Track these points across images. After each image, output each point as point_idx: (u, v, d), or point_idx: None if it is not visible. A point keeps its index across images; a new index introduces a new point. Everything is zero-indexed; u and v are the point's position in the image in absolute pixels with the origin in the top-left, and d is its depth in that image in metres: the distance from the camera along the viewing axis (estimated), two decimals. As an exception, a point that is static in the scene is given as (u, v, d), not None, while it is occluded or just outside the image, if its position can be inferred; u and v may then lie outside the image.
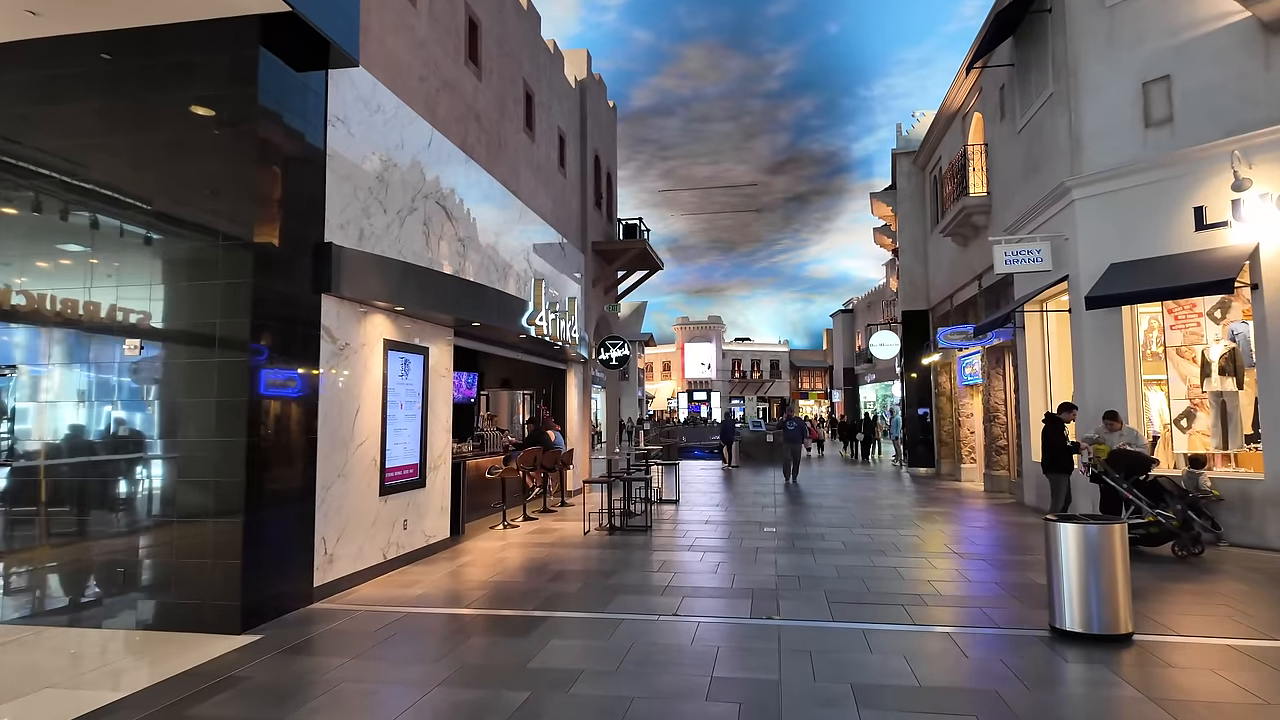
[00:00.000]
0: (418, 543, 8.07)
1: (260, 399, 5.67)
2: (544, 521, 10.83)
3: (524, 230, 11.54)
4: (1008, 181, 12.99)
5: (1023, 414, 12.45)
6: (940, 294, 18.33)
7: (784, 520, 10.74)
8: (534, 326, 9.90)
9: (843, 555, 8.05)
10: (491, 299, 9.13)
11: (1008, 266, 10.59)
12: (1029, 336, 12.15)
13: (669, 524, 10.49)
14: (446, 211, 8.81)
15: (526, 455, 10.72)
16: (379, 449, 7.29)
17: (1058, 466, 8.77)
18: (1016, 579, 6.89)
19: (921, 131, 20.11)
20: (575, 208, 14.75)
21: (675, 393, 61.77)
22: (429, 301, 7.78)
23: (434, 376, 8.53)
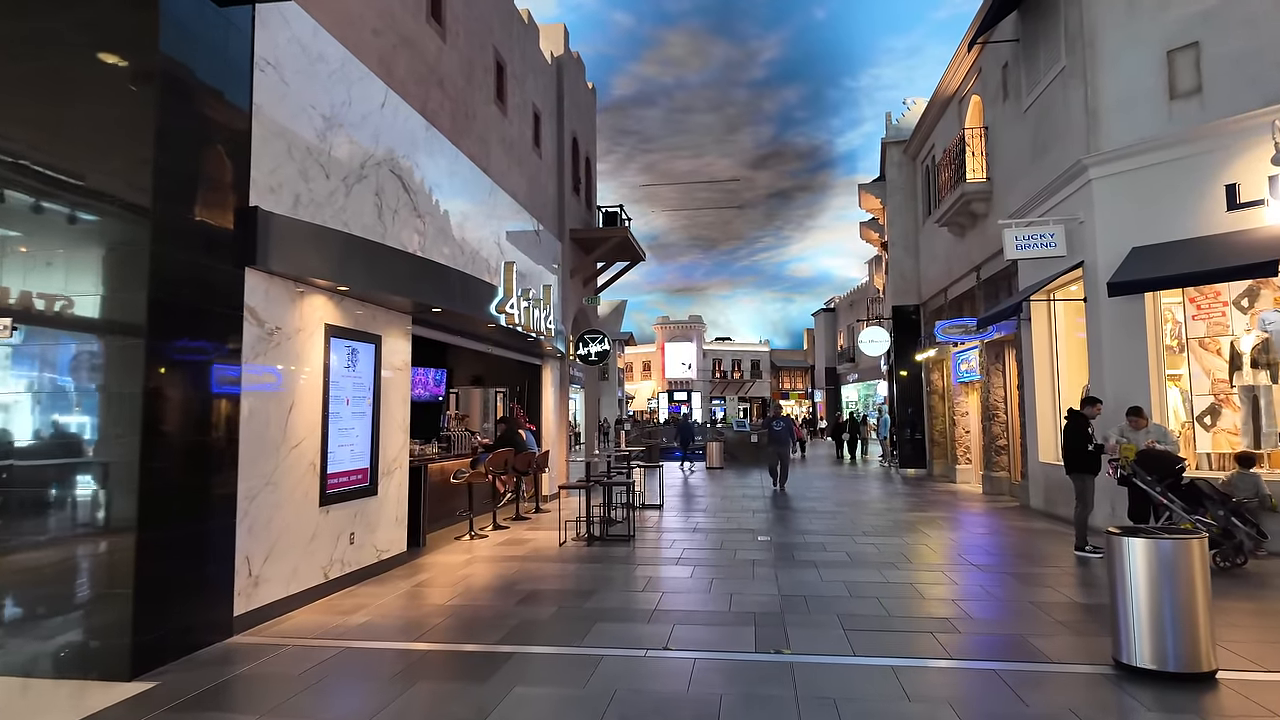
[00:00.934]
0: (368, 559, 7.06)
1: (160, 391, 4.65)
2: (516, 530, 9.85)
3: (495, 211, 10.56)
4: (1011, 165, 12.25)
5: (1027, 412, 11.70)
6: (933, 288, 17.62)
7: (777, 528, 9.86)
8: (504, 315, 8.92)
9: (850, 569, 7.18)
10: (455, 282, 8.15)
11: (1018, 252, 9.81)
12: (1035, 329, 11.39)
13: (653, 532, 9.57)
14: (403, 183, 7.81)
15: (496, 458, 9.73)
16: (319, 452, 6.28)
17: (1083, 467, 7.98)
18: (1051, 597, 6.06)
19: (913, 120, 19.41)
20: (552, 192, 13.78)
21: (656, 393, 60.91)
22: (380, 281, 6.78)
23: (388, 369, 7.53)
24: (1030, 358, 11.53)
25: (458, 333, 10.02)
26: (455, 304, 8.02)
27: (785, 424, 15.12)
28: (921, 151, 18.49)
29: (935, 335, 13.66)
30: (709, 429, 30.70)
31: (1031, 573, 6.99)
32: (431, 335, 9.35)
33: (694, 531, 9.55)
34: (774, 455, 14.84)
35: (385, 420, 7.41)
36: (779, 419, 15.36)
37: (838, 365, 48.34)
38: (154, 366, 4.61)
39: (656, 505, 12.06)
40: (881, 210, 22.82)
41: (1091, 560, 7.56)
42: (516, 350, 12.37)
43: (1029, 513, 11.14)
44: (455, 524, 9.91)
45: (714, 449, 20.93)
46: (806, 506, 11.96)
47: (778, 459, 14.71)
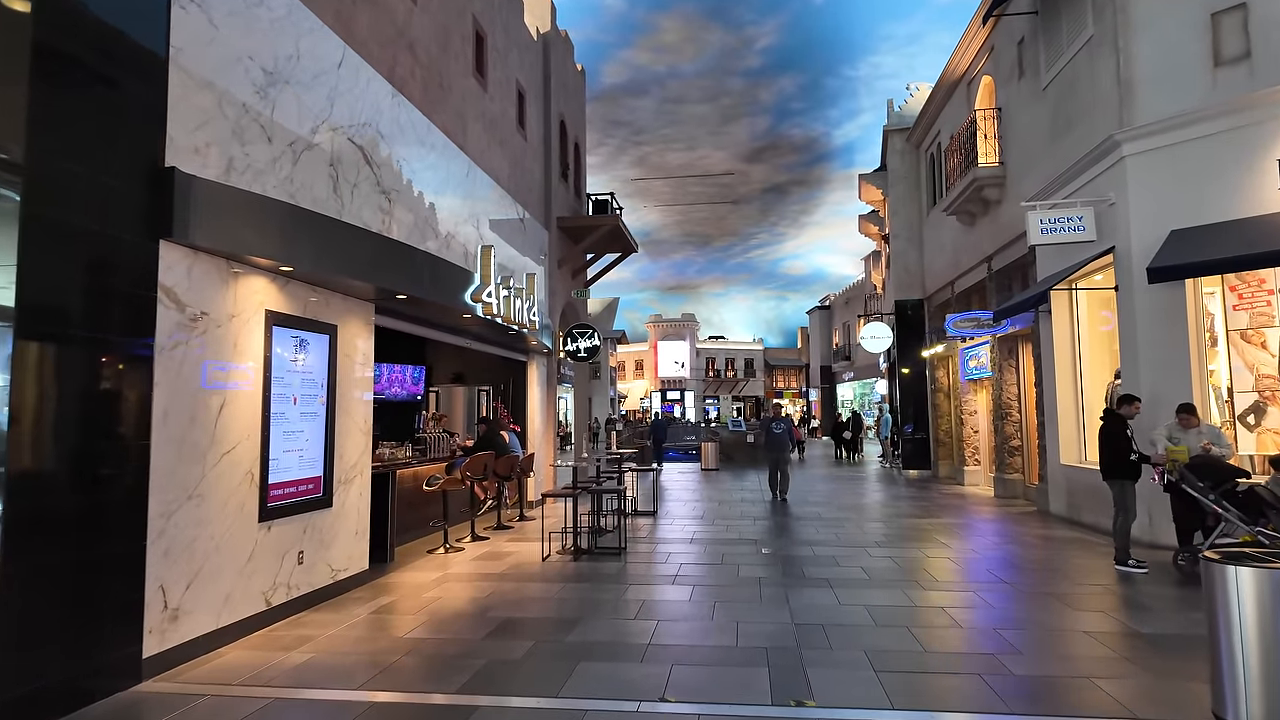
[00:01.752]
0: (321, 580, 6.18)
1: (37, 388, 3.78)
2: (496, 542, 8.98)
3: (473, 192, 9.68)
4: (1029, 147, 11.46)
5: (1046, 410, 10.92)
6: (938, 281, 16.84)
7: (781, 538, 9.03)
8: (480, 304, 8.04)
9: (869, 589, 6.35)
10: (423, 265, 7.28)
11: (1044, 237, 9.01)
12: (1056, 321, 10.60)
13: (646, 543, 8.72)
14: (365, 154, 6.93)
15: (474, 462, 8.86)
16: (258, 459, 5.41)
17: (1122, 472, 7.18)
18: (1104, 624, 5.25)
19: (916, 107, 18.64)
20: (538, 176, 12.91)
21: (648, 392, 60.09)
22: (334, 262, 5.91)
23: (347, 363, 6.65)
24: (1050, 352, 10.74)
25: (433, 325, 9.15)
26: (424, 290, 7.15)
27: (785, 426, 13.27)
28: (926, 139, 17.71)
29: (946, 329, 12.88)
30: (703, 429, 29.87)
31: (1074, 593, 6.17)
32: (403, 327, 8.48)
33: (691, 542, 8.71)
34: (773, 461, 13.12)
35: (342, 421, 6.54)
36: (778, 420, 13.39)
37: (833, 364, 47.61)
38: (26, 357, 3.73)
39: (650, 512, 11.22)
40: (882, 202, 22.05)
41: (1135, 576, 6.76)
42: (500, 345, 11.50)
43: (1050, 519, 10.36)
44: (428, 535, 9.04)
45: (709, 450, 20.10)
46: (810, 513, 11.14)
47: (777, 466, 13.02)
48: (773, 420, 13.55)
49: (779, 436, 13.00)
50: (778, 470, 12.94)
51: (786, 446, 13.06)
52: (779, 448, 12.98)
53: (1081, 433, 10.37)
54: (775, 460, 13.03)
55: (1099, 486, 9.34)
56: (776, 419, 13.50)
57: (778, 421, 13.30)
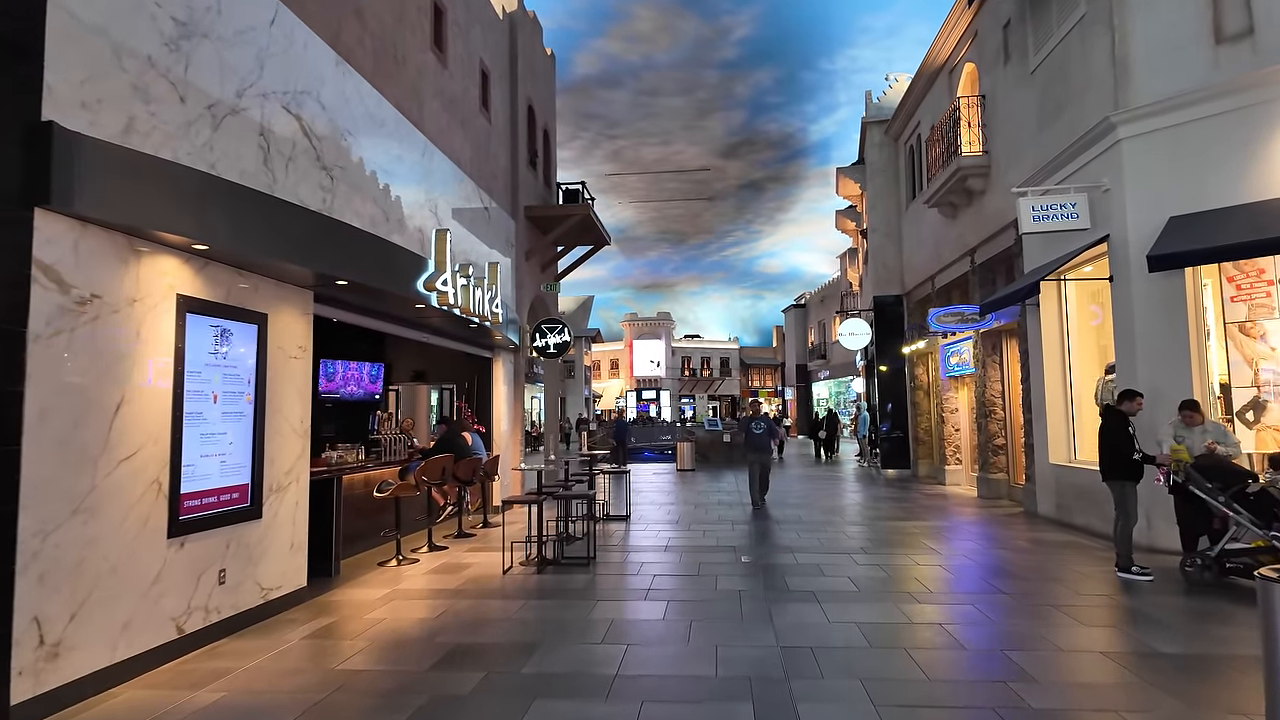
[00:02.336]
0: (249, 600, 5.48)
1: None
2: (456, 551, 8.31)
3: (431, 175, 8.99)
4: (1015, 134, 11.05)
5: (1034, 407, 10.52)
6: (918, 276, 16.46)
7: (762, 544, 8.48)
8: (435, 293, 7.35)
9: (860, 603, 5.81)
10: (369, 249, 6.59)
11: (1036, 225, 8.56)
12: (1045, 314, 10.20)
13: (617, 551, 8.11)
14: (303, 125, 6.23)
15: (431, 465, 8.18)
16: (167, 465, 4.70)
17: (1123, 472, 6.73)
18: (1121, 643, 4.76)
19: (895, 98, 18.26)
20: (504, 163, 12.22)
21: (624, 391, 59.50)
22: (260, 241, 5.21)
23: (280, 357, 5.95)
24: (1038, 347, 10.33)
25: (390, 318, 8.46)
26: (369, 277, 6.46)
27: (767, 426, 12.00)
28: (905, 131, 17.33)
29: (929, 324, 12.45)
30: (679, 428, 29.35)
31: (1079, 605, 5.69)
32: (353, 319, 7.78)
33: (665, 550, 8.12)
34: (755, 465, 11.82)
35: (274, 422, 5.83)
36: (758, 419, 12.15)
37: (809, 362, 47.42)
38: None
39: (623, 516, 10.61)
40: (860, 197, 21.69)
41: (1140, 585, 6.31)
42: (463, 341, 10.81)
43: (1038, 521, 9.94)
44: (380, 546, 8.34)
45: (685, 450, 19.54)
46: (790, 515, 10.61)
47: (760, 471, 11.80)
48: (752, 419, 12.30)
49: (759, 437, 11.86)
50: (760, 473, 11.82)
51: (769, 448, 11.97)
52: (759, 449, 11.86)
53: (1071, 431, 9.98)
54: (759, 464, 11.83)
55: (1091, 487, 8.96)
56: (756, 417, 12.31)
57: (757, 420, 12.11)
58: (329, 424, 11.75)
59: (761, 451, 11.90)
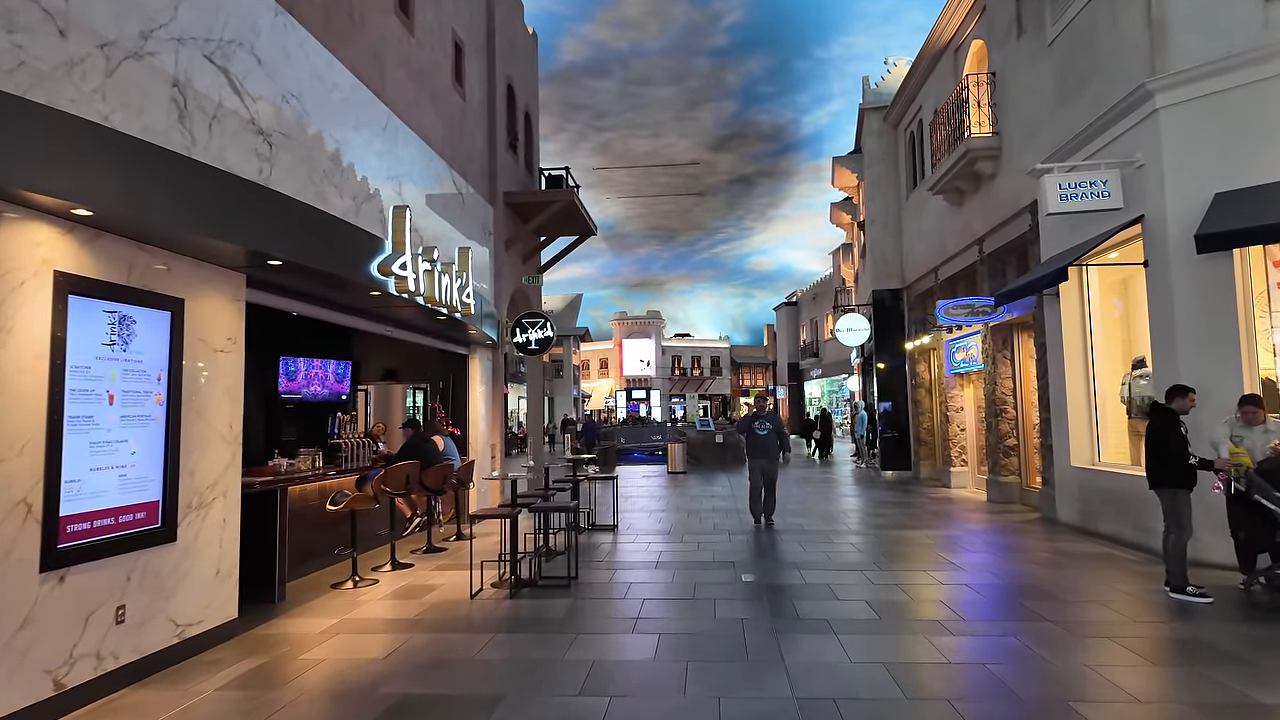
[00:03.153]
0: (158, 641, 4.59)
1: None
2: (422, 570, 7.43)
3: (394, 151, 8.10)
4: (1030, 113, 10.28)
5: (1053, 406, 9.75)
6: (919, 269, 15.69)
7: (763, 560, 7.65)
8: (392, 278, 6.46)
9: (886, 637, 4.98)
10: (309, 223, 5.69)
11: (1062, 205, 7.78)
12: (1065, 305, 9.43)
13: (603, 569, 7.25)
14: (231, 81, 5.33)
15: (393, 474, 7.30)
16: (39, 481, 3.80)
17: (1175, 478, 5.93)
18: (1215, 692, 3.95)
19: (895, 83, 17.49)
20: (480, 144, 11.34)
21: (613, 391, 58.66)
22: (168, 208, 4.32)
23: (202, 351, 5.06)
24: (1058, 341, 9.56)
25: (348, 309, 7.58)
26: (310, 256, 5.57)
27: (774, 426, 9.83)
28: (905, 117, 16.56)
29: (937, 317, 11.67)
30: (669, 428, 28.53)
31: (1137, 636, 4.89)
32: (307, 310, 6.91)
33: (656, 567, 7.27)
34: (758, 474, 9.75)
35: (195, 428, 4.94)
36: (763, 417, 9.90)
37: (800, 361, 46.73)
38: None
39: (609, 526, 9.75)
40: (856, 188, 20.94)
41: (1199, 607, 5.52)
42: (435, 336, 9.93)
43: (1059, 529, 9.17)
44: (337, 565, 7.44)
45: (676, 451, 18.71)
46: (791, 524, 9.79)
47: (764, 482, 9.74)
48: (755, 418, 9.94)
49: (764, 439, 9.70)
50: (763, 485, 9.77)
51: (775, 454, 9.77)
52: (765, 455, 9.70)
53: (1094, 431, 9.22)
54: (762, 473, 9.73)
55: (1120, 492, 8.20)
56: (760, 416, 9.94)
57: (762, 420, 9.83)
58: (290, 428, 10.85)
59: (766, 458, 9.75)
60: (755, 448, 9.85)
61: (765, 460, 9.78)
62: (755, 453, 9.85)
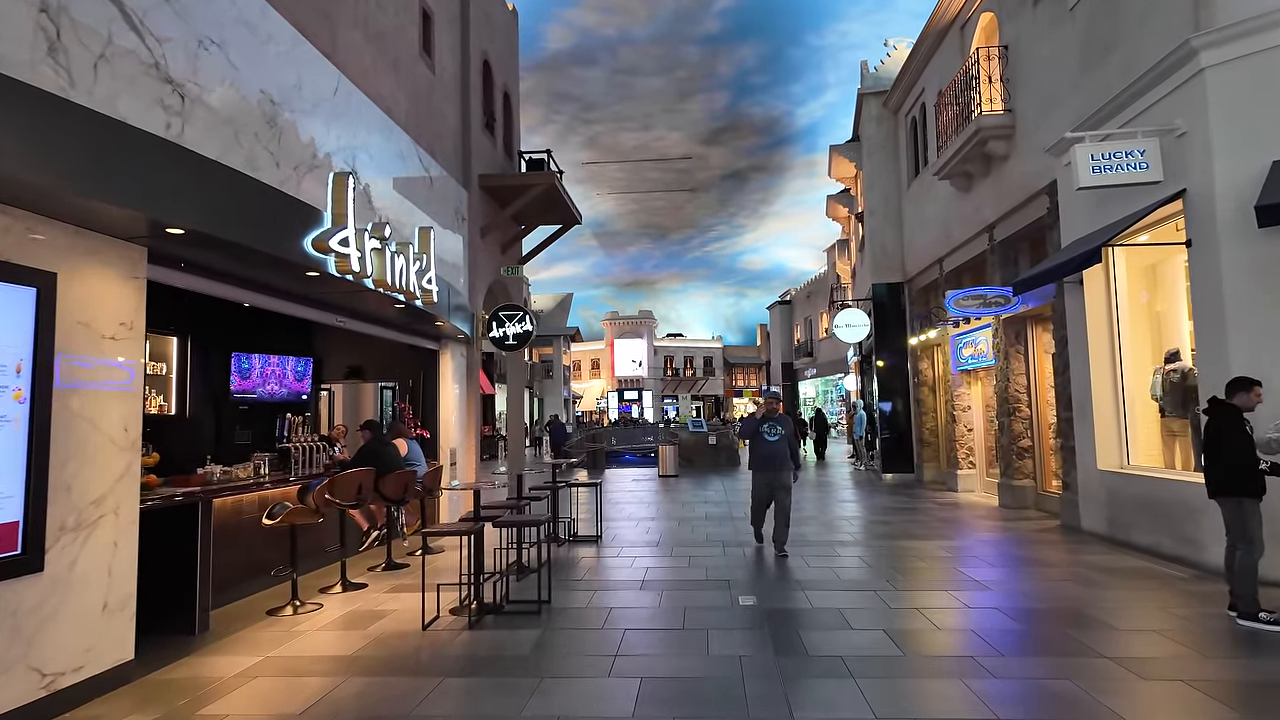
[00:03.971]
0: (17, 697, 3.69)
1: None
2: (375, 591, 6.55)
3: (346, 119, 7.21)
4: (1048, 85, 9.48)
5: (1076, 403, 8.94)
6: (922, 261, 14.89)
7: (762, 576, 6.80)
8: (331, 255, 5.56)
9: (916, 682, 4.13)
10: (227, 188, 4.80)
11: (1095, 178, 6.97)
12: (1090, 293, 8.63)
13: (581, 589, 6.39)
14: (125, 12, 4.44)
15: (341, 483, 6.41)
16: None
17: (1241, 485, 5.11)
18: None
19: (894, 67, 16.70)
20: (452, 122, 10.46)
21: (605, 392, 57.80)
22: (27, 159, 3.43)
23: (82, 338, 4.16)
24: (1081, 333, 8.76)
25: (301, 298, 6.72)
26: (224, 226, 4.67)
27: (785, 431, 7.92)
28: (906, 101, 15.77)
29: (946, 309, 10.86)
30: (660, 429, 27.69)
31: (1218, 679, 4.06)
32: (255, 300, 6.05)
33: (642, 588, 6.40)
34: (764, 489, 7.93)
35: (75, 432, 4.05)
36: (773, 419, 7.98)
37: (794, 360, 45.97)
38: None
39: (592, 538, 8.88)
40: (854, 179, 20.16)
41: (1277, 637, 4.70)
42: (402, 330, 9.05)
43: (1085, 539, 8.36)
44: (278, 587, 6.54)
45: (668, 454, 17.84)
46: (791, 534, 8.94)
47: (771, 497, 7.90)
48: (764, 420, 8.01)
49: (773, 446, 7.81)
50: (771, 504, 7.93)
51: (786, 464, 7.79)
52: (773, 466, 7.79)
53: (1122, 431, 8.42)
54: (768, 487, 7.87)
55: (1156, 499, 7.40)
56: (770, 417, 8.00)
57: (771, 423, 7.92)
58: (244, 431, 9.95)
59: (775, 470, 7.78)
60: (762, 457, 7.92)
61: (773, 473, 7.83)
62: (762, 463, 7.93)
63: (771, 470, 7.86)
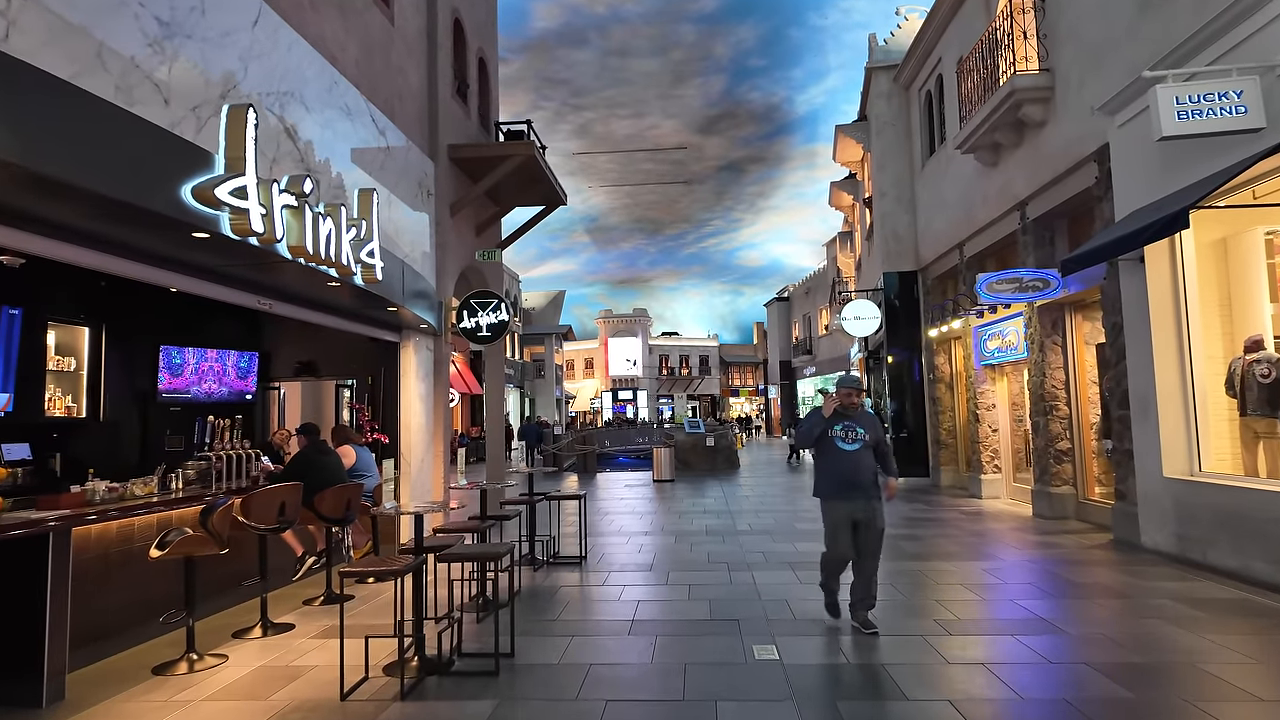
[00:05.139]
0: None
1: None
2: (301, 635, 5.29)
3: (275, 61, 5.93)
4: (1097, 34, 8.27)
5: (1137, 401, 7.73)
6: (939, 246, 13.69)
7: (779, 613, 5.56)
8: (225, 210, 4.29)
9: (1011, 793, 2.89)
10: (61, 110, 3.54)
11: (1181, 125, 5.75)
12: (1153, 273, 7.42)
13: (555, 635, 5.13)
14: None
15: (260, 500, 5.15)
16: None
17: None
18: None
19: (906, 39, 15.51)
20: (415, 83, 9.19)
21: (599, 392, 56.53)
22: None
23: None
24: (1141, 319, 7.54)
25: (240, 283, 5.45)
26: (47, 158, 3.41)
27: (871, 434, 5.12)
28: (920, 75, 14.56)
29: (978, 294, 9.61)
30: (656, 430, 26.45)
31: None
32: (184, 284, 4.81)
33: (630, 633, 5.15)
34: (844, 529, 5.04)
35: None
36: (850, 421, 5.15)
37: (793, 358, 44.80)
38: None
39: (575, 559, 7.63)
40: (860, 162, 18.97)
41: None
42: (357, 319, 7.78)
43: (1147, 559, 7.16)
44: (169, 634, 5.26)
45: (663, 457, 16.58)
46: (806, 551, 7.72)
47: (852, 543, 5.05)
48: (836, 420, 5.15)
49: (854, 458, 5.05)
50: (859, 554, 5.07)
51: (875, 487, 5.08)
52: (857, 490, 5.03)
53: (1192, 432, 7.21)
54: (849, 524, 5.04)
55: (1243, 513, 6.17)
56: (847, 417, 5.16)
57: (849, 423, 5.12)
58: (176, 436, 8.69)
59: (858, 494, 5.01)
60: (837, 476, 5.04)
61: (856, 499, 4.99)
62: (838, 486, 5.03)
63: (855, 497, 4.98)
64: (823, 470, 5.21)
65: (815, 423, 5.24)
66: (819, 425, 5.20)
